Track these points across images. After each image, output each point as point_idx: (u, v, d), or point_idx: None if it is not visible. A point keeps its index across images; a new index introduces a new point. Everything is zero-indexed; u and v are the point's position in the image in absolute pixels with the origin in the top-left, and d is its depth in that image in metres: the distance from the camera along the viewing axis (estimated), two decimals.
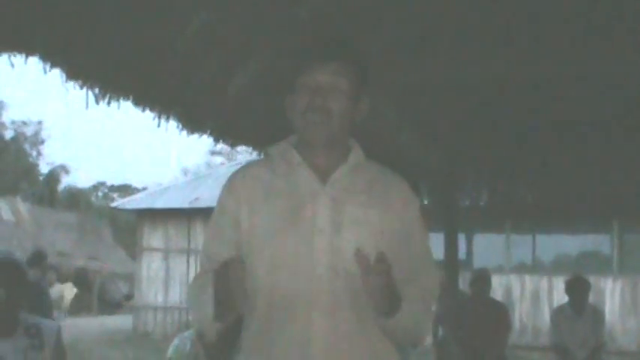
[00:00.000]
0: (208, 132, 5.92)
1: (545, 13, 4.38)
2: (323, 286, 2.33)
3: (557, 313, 8.68)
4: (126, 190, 51.03)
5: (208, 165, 45.09)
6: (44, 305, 11.41)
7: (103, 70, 4.52)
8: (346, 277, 2.31)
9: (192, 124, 5.63)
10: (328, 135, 2.43)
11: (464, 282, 10.06)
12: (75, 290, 12.81)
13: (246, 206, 2.41)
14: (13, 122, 45.73)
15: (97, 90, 4.56)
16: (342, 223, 2.37)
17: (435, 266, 2.57)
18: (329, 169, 2.45)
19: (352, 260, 2.25)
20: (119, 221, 41.06)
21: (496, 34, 4.64)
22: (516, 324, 15.86)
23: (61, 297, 13.11)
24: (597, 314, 8.69)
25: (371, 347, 2.38)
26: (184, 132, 5.65)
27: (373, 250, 2.29)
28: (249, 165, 2.60)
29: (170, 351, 5.09)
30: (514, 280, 18.66)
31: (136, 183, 55.32)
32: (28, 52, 4.05)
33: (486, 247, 19.31)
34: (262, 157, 5.92)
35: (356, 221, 2.38)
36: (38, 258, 11.75)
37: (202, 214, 19.51)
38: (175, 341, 5.05)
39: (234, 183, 2.51)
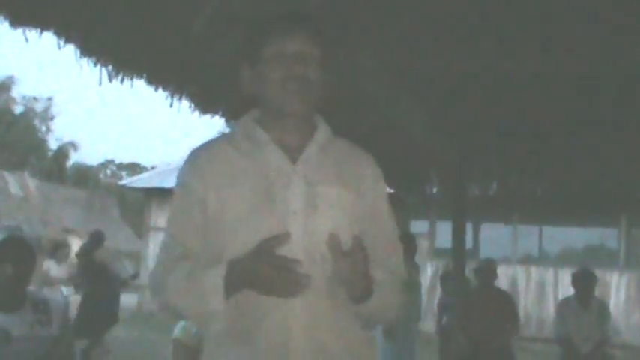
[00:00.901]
0: (220, 113, 5.91)
1: (562, 6, 4.36)
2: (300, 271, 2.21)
3: (563, 305, 8.69)
4: (134, 168, 51.18)
5: None
6: (114, 283, 11.73)
7: (118, 48, 4.52)
8: (322, 261, 2.23)
9: (205, 104, 5.63)
10: (307, 105, 2.34)
11: (469, 271, 10.06)
12: None
13: (213, 189, 2.30)
14: (23, 97, 45.88)
15: (110, 67, 4.56)
16: (316, 204, 2.28)
17: (400, 247, 2.49)
18: (297, 147, 2.36)
19: (327, 244, 2.20)
20: (127, 200, 41.17)
21: (511, 26, 4.62)
22: (521, 315, 15.84)
23: None
24: (603, 308, 8.69)
25: (345, 335, 2.31)
26: (196, 112, 5.65)
27: (347, 233, 2.24)
28: (212, 143, 2.45)
29: (176, 331, 5.09)
30: (520, 271, 18.66)
31: (144, 162, 55.62)
32: (43, 27, 4.04)
33: (493, 238, 19.33)
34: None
35: (330, 203, 2.29)
36: (97, 239, 11.99)
37: None
38: (182, 322, 5.05)
39: (198, 162, 2.38)
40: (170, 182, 22.09)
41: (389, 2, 4.30)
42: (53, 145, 46.35)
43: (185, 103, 5.38)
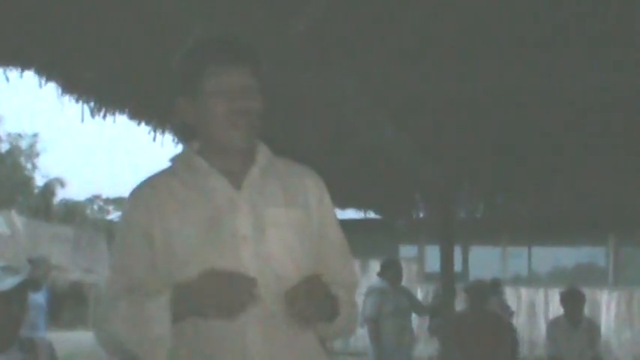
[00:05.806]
0: None
1: (545, 28, 4.39)
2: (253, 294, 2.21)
3: (553, 325, 8.68)
4: (121, 202, 50.85)
5: None
6: None
7: (99, 84, 4.53)
8: (276, 281, 2.24)
9: (188, 137, 5.63)
10: (252, 138, 2.35)
11: (459, 294, 10.06)
12: None
13: (159, 221, 2.27)
14: (8, 135, 45.72)
15: (92, 104, 4.56)
16: (264, 227, 2.28)
17: (350, 256, 2.52)
18: (240, 172, 2.34)
19: (280, 264, 2.24)
20: (115, 234, 40.98)
21: (495, 50, 4.65)
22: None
23: None
24: (593, 326, 8.69)
25: (306, 351, 2.33)
26: (180, 145, 5.65)
27: (299, 250, 2.29)
28: (153, 178, 2.39)
29: None
30: (510, 292, 18.63)
31: None
32: (24, 66, 4.05)
33: (482, 260, 19.32)
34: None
35: (278, 223, 2.30)
36: None
37: None
38: None
39: (142, 195, 2.35)
40: None
41: (375, 27, 4.32)
42: (39, 181, 46.19)
43: (168, 137, 5.39)
